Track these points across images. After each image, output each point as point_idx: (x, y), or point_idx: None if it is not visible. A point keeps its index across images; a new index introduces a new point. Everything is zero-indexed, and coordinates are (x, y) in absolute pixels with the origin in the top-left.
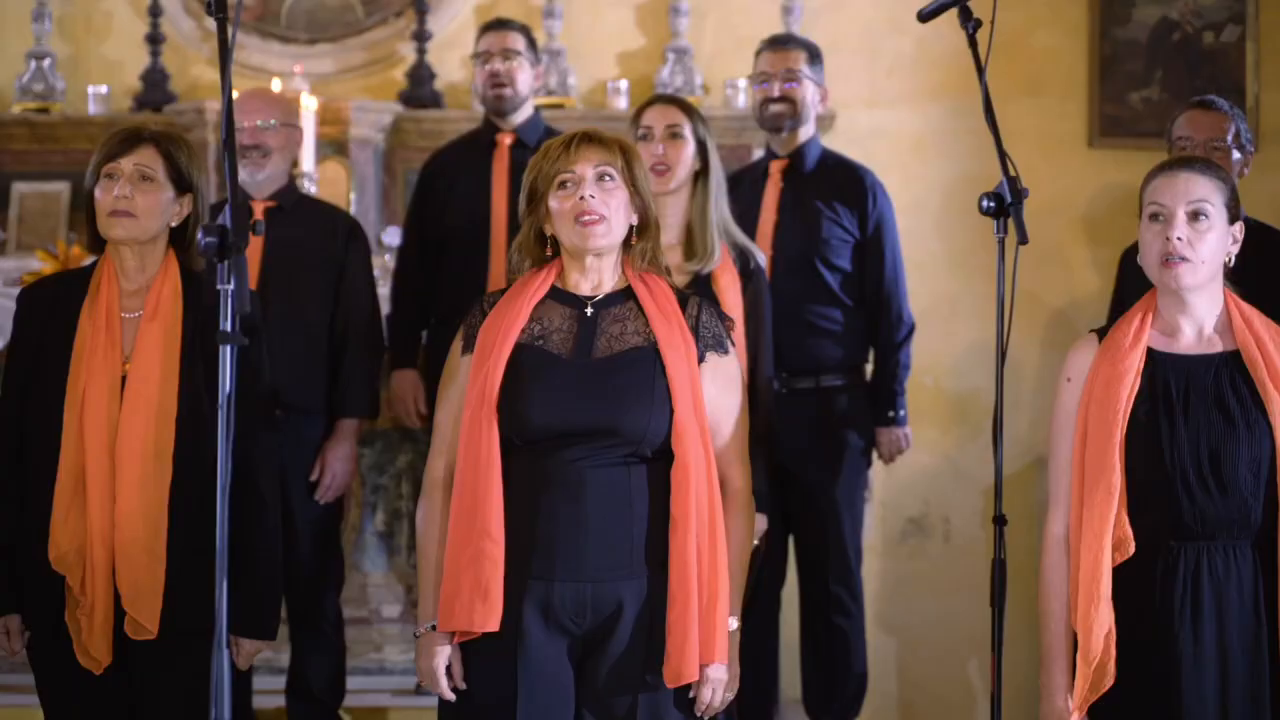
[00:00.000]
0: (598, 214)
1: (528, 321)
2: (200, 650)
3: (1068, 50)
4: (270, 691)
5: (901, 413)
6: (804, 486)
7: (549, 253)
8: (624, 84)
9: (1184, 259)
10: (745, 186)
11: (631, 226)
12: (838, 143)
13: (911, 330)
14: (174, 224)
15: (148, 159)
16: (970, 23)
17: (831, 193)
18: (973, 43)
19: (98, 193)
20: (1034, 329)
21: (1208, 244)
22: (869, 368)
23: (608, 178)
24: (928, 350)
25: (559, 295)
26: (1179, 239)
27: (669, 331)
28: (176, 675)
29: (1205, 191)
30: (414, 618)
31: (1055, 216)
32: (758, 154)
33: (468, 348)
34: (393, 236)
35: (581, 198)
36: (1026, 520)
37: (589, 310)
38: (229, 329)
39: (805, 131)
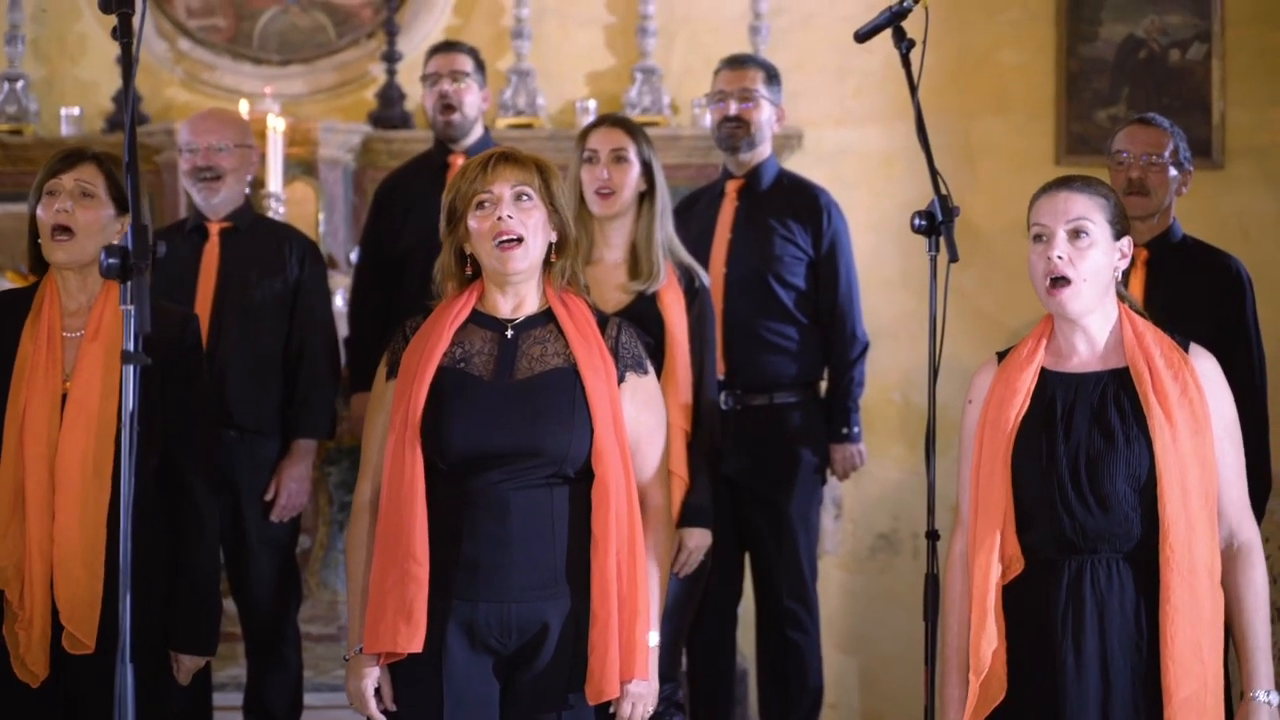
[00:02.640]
0: (515, 234)
1: (449, 345)
2: (138, 664)
3: (1034, 68)
4: (233, 708)
5: (855, 429)
6: (758, 503)
7: (469, 272)
8: (593, 104)
9: (1065, 279)
10: (702, 206)
11: (550, 244)
12: (806, 161)
13: (865, 348)
14: (115, 243)
15: (89, 175)
16: (904, 43)
17: (786, 211)
18: (905, 63)
19: (39, 211)
20: (999, 346)
21: (1089, 261)
22: (823, 385)
23: (525, 197)
24: (895, 367)
25: (480, 318)
26: (1059, 257)
27: (588, 353)
28: (113, 689)
29: (1083, 209)
30: None
31: (1023, 234)
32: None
33: (391, 373)
34: None
35: (499, 218)
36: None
37: (509, 332)
38: (131, 349)
39: (761, 151)
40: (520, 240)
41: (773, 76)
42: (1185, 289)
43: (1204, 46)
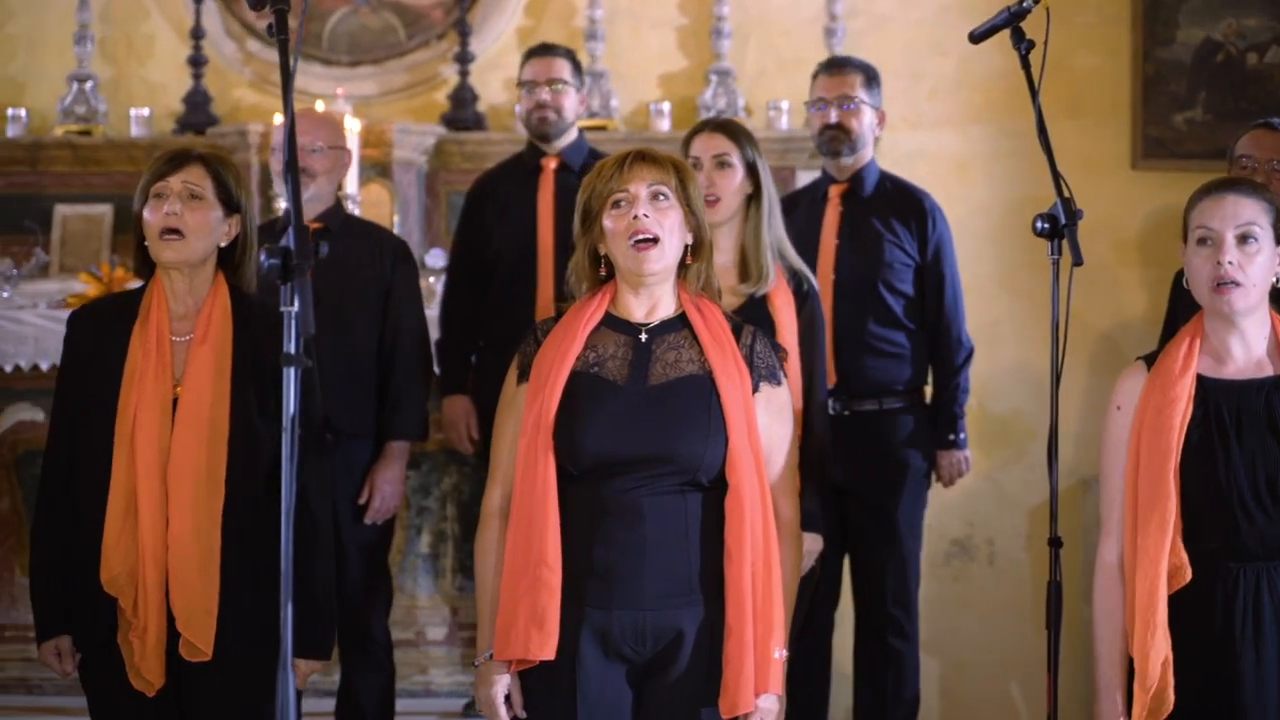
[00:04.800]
0: (651, 233)
1: (582, 349)
2: (254, 671)
3: (1110, 71)
4: (320, 715)
5: (962, 435)
6: (866, 509)
7: (603, 273)
8: (666, 106)
9: (1236, 283)
10: (802, 209)
11: (686, 247)
12: (881, 164)
13: (970, 354)
14: (222, 245)
15: (196, 177)
16: (1023, 44)
17: (891, 216)
18: (1025, 64)
19: (146, 213)
20: (1078, 351)
21: (1258, 266)
22: (928, 390)
23: (661, 197)
24: (971, 372)
25: (613, 322)
26: (1230, 263)
27: (723, 360)
28: (230, 697)
29: (1253, 213)
30: (460, 640)
31: (1098, 239)
32: (800, 175)
33: (523, 376)
34: (436, 259)
35: (635, 217)
36: (1072, 542)
37: (643, 336)
38: (293, 351)
39: (864, 155)
40: (656, 240)
41: (872, 79)
42: None
43: None
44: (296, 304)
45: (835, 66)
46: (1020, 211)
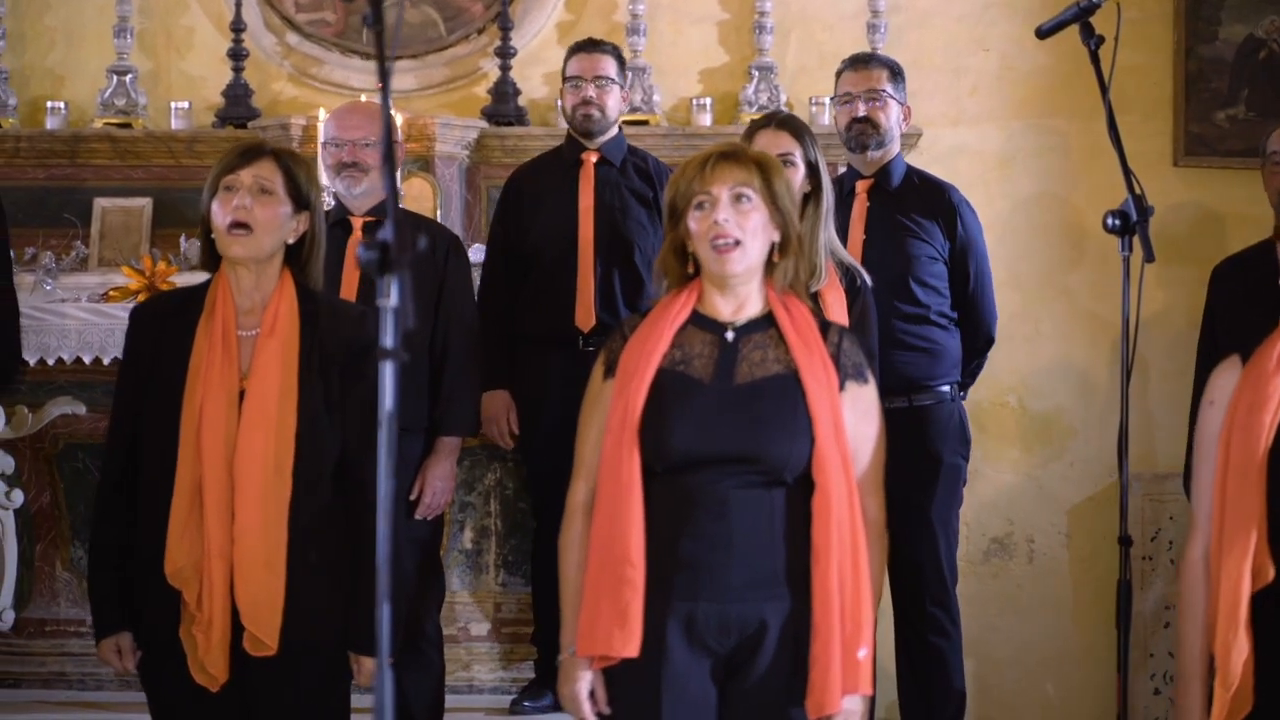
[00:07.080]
0: (731, 237)
1: (669, 347)
2: (318, 666)
3: (1152, 68)
4: (369, 710)
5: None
6: (900, 507)
7: (690, 269)
8: (708, 101)
9: None
10: None
11: (773, 244)
12: (921, 160)
13: (989, 343)
14: (290, 241)
15: (267, 172)
16: (1092, 39)
17: (918, 210)
18: (1095, 59)
19: (215, 206)
20: (1108, 348)
21: None
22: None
23: (744, 199)
24: (1011, 370)
25: (699, 320)
26: None
27: (810, 360)
28: (294, 692)
29: None
30: (503, 636)
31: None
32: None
33: (609, 373)
34: (477, 253)
35: (716, 221)
36: (1110, 539)
37: (729, 335)
38: (390, 345)
39: (890, 150)
40: (738, 243)
41: (897, 74)
42: None
43: None
44: (395, 298)
45: (861, 62)
46: (1060, 208)
